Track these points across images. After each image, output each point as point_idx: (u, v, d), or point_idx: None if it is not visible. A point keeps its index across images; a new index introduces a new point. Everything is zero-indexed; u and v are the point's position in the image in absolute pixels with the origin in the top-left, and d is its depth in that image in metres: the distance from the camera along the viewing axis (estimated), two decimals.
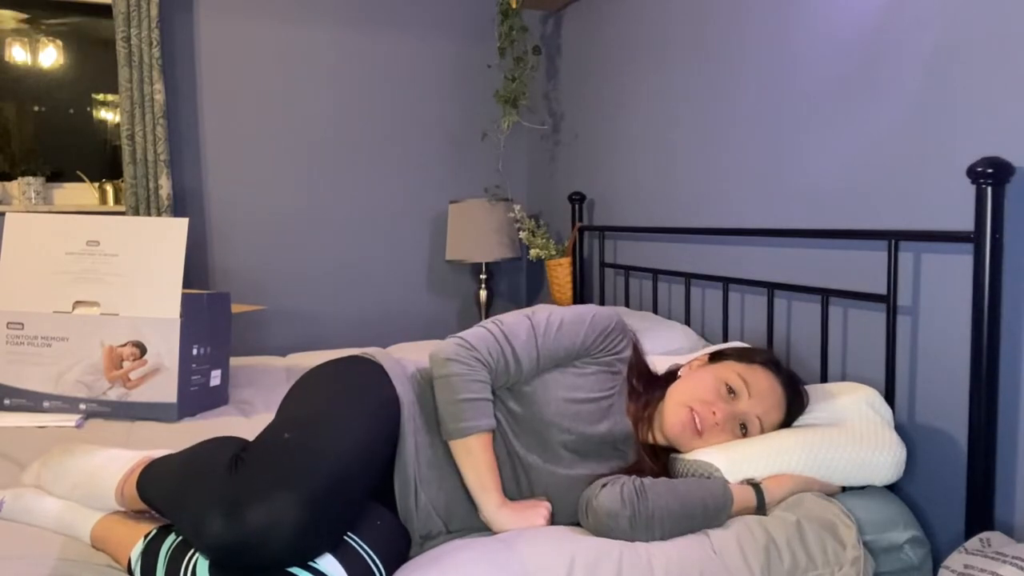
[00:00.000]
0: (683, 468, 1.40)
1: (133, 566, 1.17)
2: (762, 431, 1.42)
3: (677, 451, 1.44)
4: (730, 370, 1.41)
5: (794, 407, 1.47)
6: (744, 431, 1.40)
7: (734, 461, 1.36)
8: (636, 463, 1.42)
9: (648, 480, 1.29)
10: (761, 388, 1.41)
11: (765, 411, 1.40)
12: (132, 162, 2.81)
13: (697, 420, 1.36)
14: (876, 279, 1.71)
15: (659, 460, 1.44)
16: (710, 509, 1.28)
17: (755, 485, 1.36)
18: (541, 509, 1.31)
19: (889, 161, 1.67)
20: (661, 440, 1.44)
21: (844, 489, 1.46)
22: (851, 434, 1.43)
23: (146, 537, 1.19)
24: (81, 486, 1.31)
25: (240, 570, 1.05)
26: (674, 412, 1.39)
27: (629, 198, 2.73)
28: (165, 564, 1.13)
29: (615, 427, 1.39)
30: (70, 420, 1.81)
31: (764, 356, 1.47)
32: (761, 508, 1.35)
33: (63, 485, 1.32)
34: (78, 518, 1.29)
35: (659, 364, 1.57)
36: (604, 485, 1.27)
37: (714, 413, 1.37)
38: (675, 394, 1.41)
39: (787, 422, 1.47)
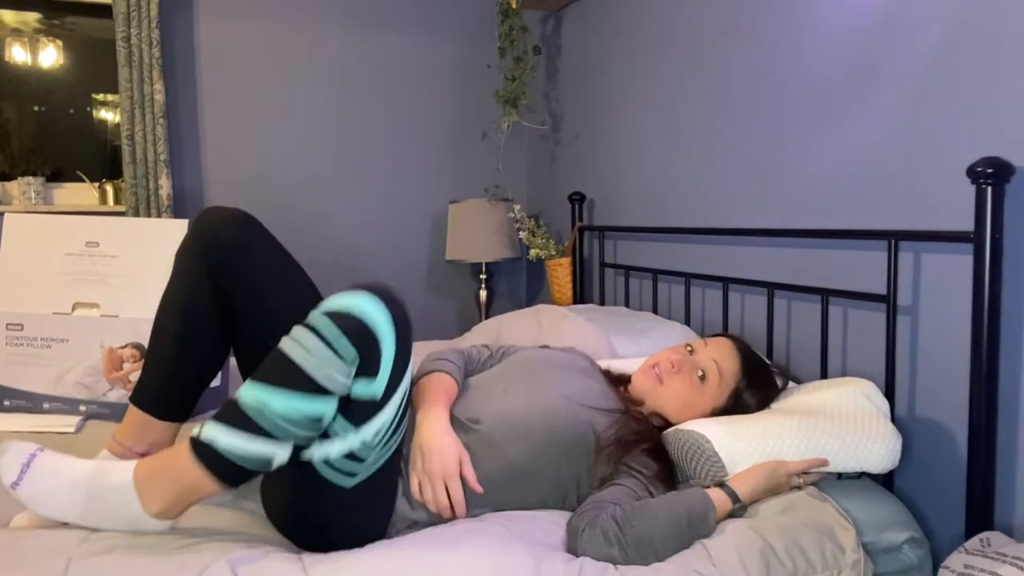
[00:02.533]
0: (674, 439, 1.43)
1: (198, 436, 1.09)
2: (720, 377, 1.48)
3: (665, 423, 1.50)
4: (694, 340, 1.61)
5: (748, 363, 1.52)
6: (703, 379, 1.48)
7: (727, 433, 1.39)
8: (624, 413, 1.45)
9: (626, 508, 1.23)
10: (717, 341, 1.55)
11: (720, 356, 1.50)
12: (132, 162, 2.81)
13: (657, 370, 1.50)
14: (876, 279, 1.71)
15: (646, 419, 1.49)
16: (695, 518, 1.25)
17: (722, 485, 1.34)
18: (459, 460, 1.26)
19: (889, 161, 1.67)
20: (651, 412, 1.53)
21: (840, 476, 1.47)
22: (846, 421, 1.44)
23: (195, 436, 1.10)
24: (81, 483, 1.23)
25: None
26: (638, 373, 1.53)
27: (629, 198, 2.73)
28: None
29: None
30: (70, 423, 1.81)
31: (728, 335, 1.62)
32: (738, 506, 1.32)
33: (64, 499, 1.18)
34: (111, 469, 1.13)
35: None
36: (582, 530, 1.20)
37: (671, 361, 1.49)
38: (643, 363, 1.56)
39: (749, 385, 1.51)
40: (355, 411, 1.14)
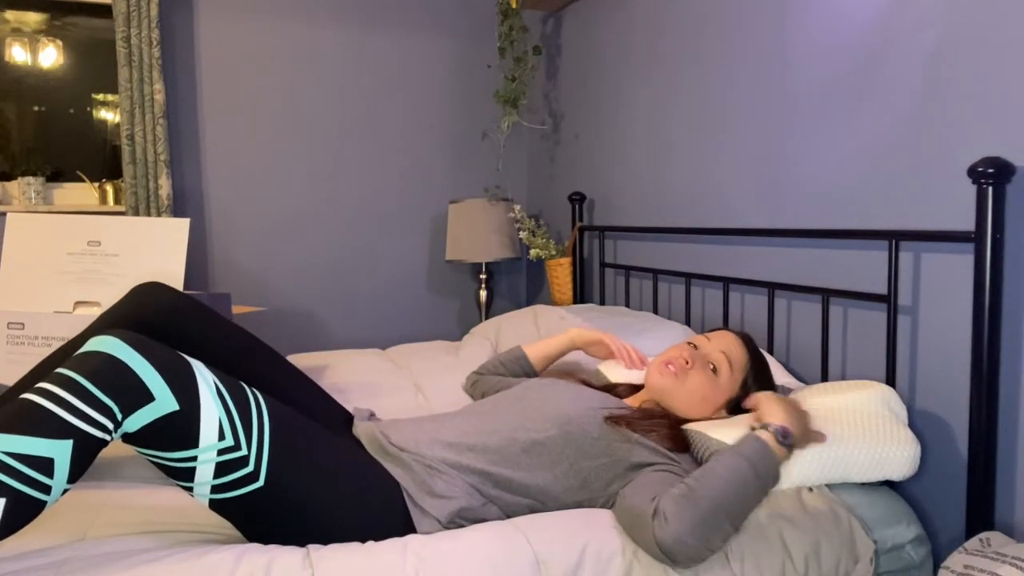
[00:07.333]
0: (701, 445, 1.39)
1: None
2: (731, 368, 1.49)
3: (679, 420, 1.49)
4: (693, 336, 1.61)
5: (754, 351, 1.54)
6: (715, 371, 1.48)
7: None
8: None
9: (686, 481, 1.19)
10: (718, 334, 1.56)
11: (727, 346, 1.51)
12: (132, 162, 2.81)
13: (672, 367, 1.48)
14: (876, 279, 1.71)
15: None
16: (757, 462, 1.19)
17: (763, 427, 1.28)
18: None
19: (889, 161, 1.68)
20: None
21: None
22: (867, 430, 1.42)
23: None
24: None
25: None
26: (652, 371, 1.51)
27: (629, 198, 2.73)
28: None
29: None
30: None
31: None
32: (783, 436, 1.25)
33: None
34: None
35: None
36: (652, 516, 1.15)
37: (684, 358, 1.49)
38: (652, 362, 1.55)
39: (756, 375, 1.51)
40: (176, 436, 1.08)
